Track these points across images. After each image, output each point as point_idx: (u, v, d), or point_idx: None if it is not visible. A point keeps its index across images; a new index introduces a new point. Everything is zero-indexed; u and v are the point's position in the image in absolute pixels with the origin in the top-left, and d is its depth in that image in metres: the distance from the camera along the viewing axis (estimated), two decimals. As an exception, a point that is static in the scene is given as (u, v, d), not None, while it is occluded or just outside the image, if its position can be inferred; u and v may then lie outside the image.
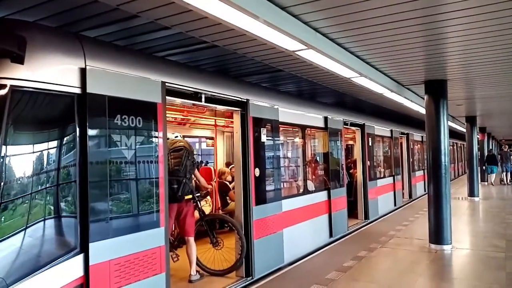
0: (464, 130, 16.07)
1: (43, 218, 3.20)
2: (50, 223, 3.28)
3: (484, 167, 18.84)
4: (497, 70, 6.38)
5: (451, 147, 23.31)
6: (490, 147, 23.39)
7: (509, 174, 19.28)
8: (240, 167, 5.68)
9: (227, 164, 9.70)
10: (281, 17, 3.50)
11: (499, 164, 19.30)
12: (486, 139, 21.86)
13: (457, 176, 25.86)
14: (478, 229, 9.21)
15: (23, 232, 3.05)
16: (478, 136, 16.21)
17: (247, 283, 5.51)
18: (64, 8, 3.62)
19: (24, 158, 3.18)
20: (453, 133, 18.98)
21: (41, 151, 3.29)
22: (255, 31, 3.55)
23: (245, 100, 5.69)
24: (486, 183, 19.02)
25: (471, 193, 13.85)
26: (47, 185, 3.26)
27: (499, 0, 3.43)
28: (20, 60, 3.07)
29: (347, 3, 3.42)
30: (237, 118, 5.75)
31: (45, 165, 3.26)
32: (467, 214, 11.15)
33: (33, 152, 3.24)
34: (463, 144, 26.38)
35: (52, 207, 3.28)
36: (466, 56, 5.47)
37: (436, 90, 7.22)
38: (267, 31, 3.56)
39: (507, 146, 22.97)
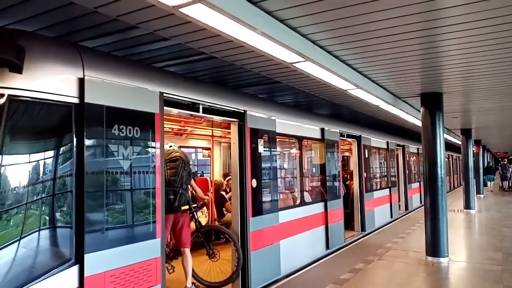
0: (460, 143, 16.16)
1: (38, 229, 3.16)
2: (45, 233, 3.24)
3: (484, 177, 22.83)
4: (492, 83, 6.44)
5: (447, 159, 23.45)
6: (489, 160, 29.41)
7: (507, 182, 23.29)
8: (237, 178, 5.66)
9: (225, 175, 9.67)
10: (279, 29, 3.53)
11: (496, 174, 24.02)
12: (481, 151, 22.03)
13: (453, 188, 25.93)
14: (475, 242, 9.20)
15: (17, 242, 3.01)
16: (473, 149, 16.31)
17: (243, 295, 5.46)
18: (63, 18, 3.64)
19: (20, 168, 3.16)
20: (448, 146, 19.13)
21: (38, 160, 3.27)
22: (253, 43, 3.57)
23: (243, 111, 5.70)
24: (481, 195, 19.33)
25: (467, 205, 13.86)
26: (43, 195, 3.23)
27: (497, 15, 3.48)
28: (18, 69, 3.07)
29: (345, 17, 3.46)
30: (234, 129, 5.76)
31: (41, 175, 3.24)
32: (463, 227, 11.15)
33: (30, 162, 3.21)
34: (458, 157, 26.57)
35: (47, 218, 3.25)
36: (462, 70, 5.53)
37: (432, 102, 7.28)
38: (265, 43, 3.58)
39: (506, 160, 26.76)
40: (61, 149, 3.42)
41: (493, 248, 7.94)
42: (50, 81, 3.30)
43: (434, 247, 6.98)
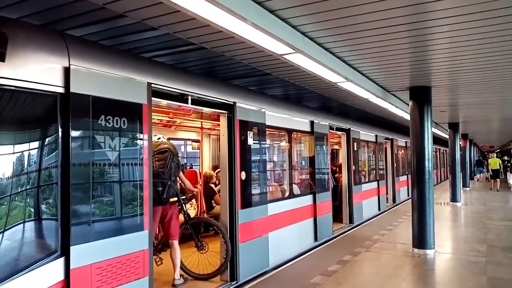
0: (447, 137, 16.34)
1: (22, 221, 3.11)
2: (30, 225, 3.19)
3: (474, 169, 26.77)
4: (480, 78, 6.50)
5: (434, 153, 23.78)
6: (479, 155, 35.17)
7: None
8: (226, 170, 5.64)
9: (214, 168, 9.64)
10: (269, 20, 3.49)
11: (484, 167, 26.94)
12: (468, 145, 22.36)
13: (440, 181, 26.30)
14: (460, 234, 9.35)
15: (1, 234, 2.95)
16: (460, 143, 16.52)
17: (232, 287, 5.46)
18: (49, 6, 3.55)
19: (3, 159, 3.09)
20: (436, 139, 19.36)
21: (22, 151, 3.20)
22: (243, 33, 3.53)
23: (232, 103, 5.66)
24: (468, 189, 19.82)
25: (454, 198, 14.07)
26: (28, 187, 3.17)
27: (484, 9, 3.50)
28: (1, 57, 2.99)
29: (335, 8, 3.44)
30: (223, 121, 5.72)
31: (25, 166, 3.18)
32: (449, 219, 11.31)
33: (14, 153, 3.15)
34: (446, 150, 27.01)
35: (32, 209, 3.20)
36: (450, 64, 5.56)
37: (420, 96, 7.32)
38: (255, 34, 3.55)
39: (491, 154, 30.10)
40: (46, 140, 3.36)
41: (478, 241, 8.08)
42: (35, 69, 3.22)
43: (421, 239, 7.07)
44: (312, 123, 8.39)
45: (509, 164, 21.36)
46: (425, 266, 6.45)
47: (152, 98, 4.29)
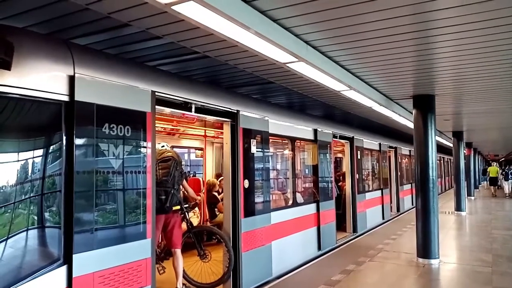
0: (451, 145, 16.27)
1: (25, 228, 3.12)
2: (33, 233, 3.19)
3: (479, 177, 29.38)
4: (484, 86, 6.49)
5: (438, 161, 23.70)
6: (485, 164, 37.62)
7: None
8: (229, 179, 5.63)
9: (217, 176, 9.63)
10: (272, 29, 3.51)
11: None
12: (472, 154, 22.26)
13: (444, 190, 26.13)
14: (465, 244, 9.25)
15: (4, 242, 2.96)
16: (464, 151, 16.43)
17: (234, 296, 5.43)
18: (54, 15, 3.59)
19: (8, 166, 3.10)
20: (440, 148, 19.31)
21: (26, 159, 3.21)
22: (247, 42, 3.55)
23: (236, 111, 5.68)
24: (472, 198, 19.62)
25: (458, 207, 13.95)
26: (31, 195, 3.18)
27: (490, 17, 3.50)
28: (6, 65, 3.01)
29: (338, 17, 3.46)
30: (227, 129, 5.73)
31: (29, 174, 3.19)
32: (454, 229, 11.22)
33: (18, 160, 3.16)
34: (450, 159, 26.88)
35: (35, 217, 3.20)
36: (454, 72, 5.56)
37: (424, 104, 7.31)
38: (258, 43, 3.57)
39: (495, 163, 31.64)
40: (50, 147, 3.37)
41: (483, 250, 7.99)
42: (40, 78, 3.25)
43: (425, 248, 7.01)
44: (315, 131, 8.39)
45: (504, 173, 22.29)
46: (430, 276, 6.38)
47: (156, 106, 4.31)
